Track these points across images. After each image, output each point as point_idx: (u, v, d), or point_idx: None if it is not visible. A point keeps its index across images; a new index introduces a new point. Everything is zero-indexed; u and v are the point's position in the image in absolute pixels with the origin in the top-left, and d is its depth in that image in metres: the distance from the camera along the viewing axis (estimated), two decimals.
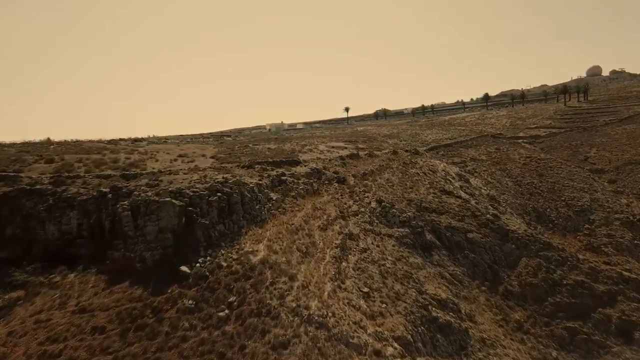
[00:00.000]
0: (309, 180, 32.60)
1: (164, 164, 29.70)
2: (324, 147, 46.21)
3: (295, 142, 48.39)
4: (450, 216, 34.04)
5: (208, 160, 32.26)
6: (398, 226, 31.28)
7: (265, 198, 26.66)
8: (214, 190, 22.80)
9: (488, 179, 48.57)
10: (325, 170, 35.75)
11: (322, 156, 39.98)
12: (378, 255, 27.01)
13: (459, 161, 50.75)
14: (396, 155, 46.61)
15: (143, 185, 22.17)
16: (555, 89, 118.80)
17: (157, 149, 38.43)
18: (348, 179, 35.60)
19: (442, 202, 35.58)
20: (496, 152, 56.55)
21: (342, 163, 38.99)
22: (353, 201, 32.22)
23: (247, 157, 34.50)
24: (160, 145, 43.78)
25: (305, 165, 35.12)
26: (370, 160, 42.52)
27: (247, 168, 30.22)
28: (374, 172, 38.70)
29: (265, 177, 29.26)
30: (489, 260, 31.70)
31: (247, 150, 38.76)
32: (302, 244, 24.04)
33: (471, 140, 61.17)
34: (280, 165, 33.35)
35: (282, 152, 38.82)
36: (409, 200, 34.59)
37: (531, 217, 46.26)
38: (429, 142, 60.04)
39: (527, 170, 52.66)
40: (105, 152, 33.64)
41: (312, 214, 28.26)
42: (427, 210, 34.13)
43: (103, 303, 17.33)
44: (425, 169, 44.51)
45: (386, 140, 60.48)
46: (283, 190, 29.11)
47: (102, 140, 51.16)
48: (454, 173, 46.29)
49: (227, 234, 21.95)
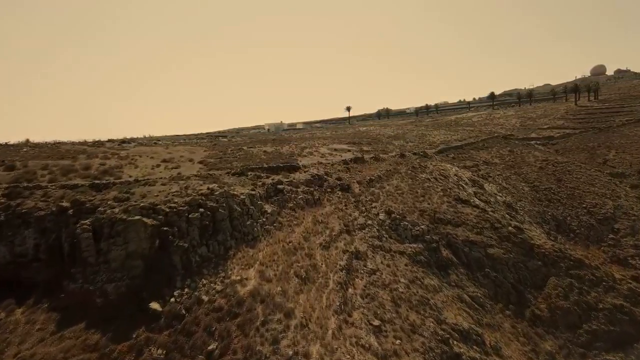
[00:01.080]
0: (309, 188, 28.95)
1: (143, 171, 26.04)
2: (325, 150, 42.53)
3: (294, 144, 44.71)
4: (467, 229, 30.38)
5: (195, 166, 28.60)
6: (410, 241, 27.63)
7: (258, 211, 23.01)
8: (196, 204, 19.14)
9: (503, 184, 44.87)
10: (327, 176, 32.09)
11: (323, 160, 36.32)
12: (389, 278, 23.37)
13: (471, 165, 47.06)
14: (404, 158, 42.93)
15: (111, 199, 18.50)
16: (565, 88, 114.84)
17: (142, 152, 34.79)
18: (353, 186, 31.94)
19: (457, 213, 31.91)
20: (510, 155, 52.84)
21: (346, 168, 35.31)
22: (359, 212, 28.56)
23: (240, 162, 30.84)
24: (147, 147, 40.14)
25: (305, 170, 31.47)
26: (377, 165, 38.84)
27: (239, 175, 26.57)
28: (381, 178, 35.03)
29: (259, 186, 25.61)
30: (513, 280, 28.05)
31: (240, 154, 35.11)
32: (301, 268, 20.41)
33: (482, 142, 57.45)
34: (277, 172, 29.69)
35: (279, 156, 35.17)
36: (421, 210, 30.92)
37: (550, 226, 42.60)
38: (437, 143, 56.34)
39: (544, 175, 48.95)
40: (80, 157, 30.01)
41: (313, 229, 24.62)
42: (442, 222, 30.46)
43: (48, 354, 13.69)
44: (436, 173, 40.82)
45: (391, 141, 56.77)
46: (279, 201, 25.47)
47: (86, 142, 47.55)
48: (466, 178, 42.59)
49: (211, 258, 18.31)
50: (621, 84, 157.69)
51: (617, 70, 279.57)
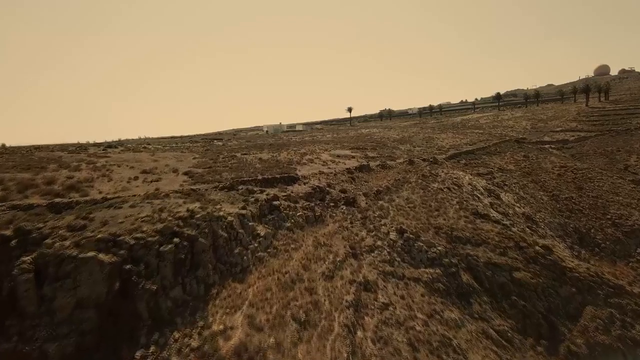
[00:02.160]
0: (310, 203, 25.36)
1: (117, 185, 22.43)
2: (327, 157, 38.91)
3: (293, 150, 41.12)
4: (489, 249, 26.77)
5: (178, 179, 25.00)
6: (426, 265, 24.04)
7: (249, 236, 19.41)
8: (170, 233, 15.54)
9: (520, 194, 41.25)
10: (330, 188, 28.50)
11: (325, 169, 32.71)
12: (404, 313, 19.77)
13: (485, 172, 43.43)
14: (413, 165, 39.34)
15: (64, 226, 14.90)
16: (574, 88, 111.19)
17: (123, 161, 31.20)
18: (358, 199, 28.35)
19: (477, 230, 28.29)
20: (525, 161, 49.20)
21: (351, 178, 31.70)
22: (367, 231, 24.97)
23: (231, 173, 27.25)
24: (132, 153, 36.56)
25: (305, 182, 27.87)
26: (384, 173, 35.23)
27: (228, 190, 22.98)
28: (389, 189, 31.43)
29: (252, 202, 22.00)
30: (543, 309, 24.42)
31: (232, 163, 31.49)
32: (299, 307, 16.82)
33: (494, 146, 53.82)
34: (273, 184, 26.10)
35: (276, 165, 31.56)
36: (436, 227, 27.32)
37: (573, 239, 39.03)
38: (446, 148, 52.72)
39: (564, 183, 45.34)
40: (50, 167, 26.42)
41: (314, 254, 21.01)
42: (460, 241, 26.86)
43: None
44: (448, 182, 37.21)
45: (397, 146, 53.14)
46: (275, 221, 21.86)
47: (67, 147, 43.98)
48: (481, 187, 38.99)
49: (187, 301, 14.71)
50: (629, 84, 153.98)
51: (622, 71, 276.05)
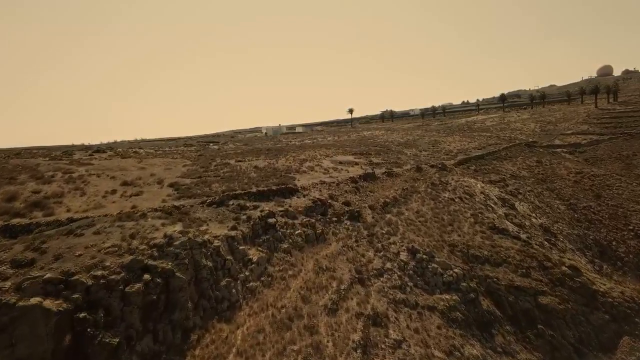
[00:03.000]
0: (310, 219, 22.59)
1: (89, 201, 19.67)
2: (328, 163, 36.15)
3: (292, 156, 38.39)
4: (510, 269, 24.00)
5: (162, 192, 22.23)
6: (442, 290, 21.25)
7: (239, 262, 16.65)
8: (140, 268, 12.77)
9: (536, 203, 38.49)
10: (333, 200, 25.74)
11: (327, 178, 29.95)
12: (419, 352, 16.98)
13: (497, 179, 40.67)
14: (421, 172, 36.58)
15: (7, 261, 12.13)
16: (581, 89, 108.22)
17: (105, 169, 28.44)
18: (364, 212, 25.58)
19: (495, 247, 25.52)
20: (538, 166, 46.45)
21: (355, 188, 28.94)
22: (374, 251, 22.19)
23: (223, 184, 24.49)
24: (117, 160, 33.81)
25: (305, 194, 25.10)
26: (391, 182, 32.47)
27: (217, 206, 20.21)
28: (397, 201, 28.67)
29: (244, 221, 19.24)
30: (574, 339, 21.64)
31: (225, 171, 28.72)
32: (297, 353, 14.04)
33: (504, 151, 51.05)
34: (269, 197, 23.33)
35: (273, 173, 28.79)
36: (451, 245, 24.56)
37: (593, 252, 36.26)
38: (453, 152, 49.97)
39: (581, 190, 42.57)
40: (21, 177, 23.67)
41: (315, 282, 18.23)
42: (478, 261, 24.09)
43: None
44: (459, 191, 34.44)
45: (403, 150, 50.39)
46: (270, 242, 19.10)
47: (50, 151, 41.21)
48: (495, 196, 36.23)
49: (159, 353, 11.95)
50: (634, 85, 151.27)
51: (625, 71, 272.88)
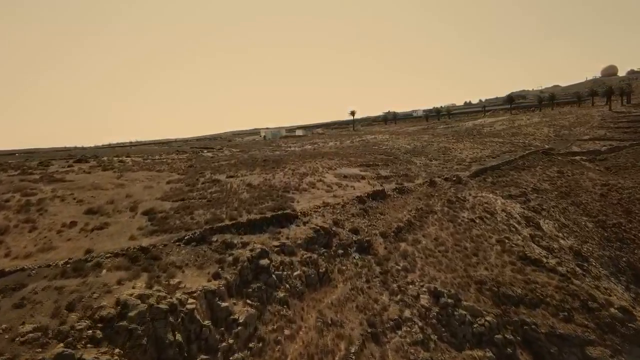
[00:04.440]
0: (312, 254, 18.78)
1: (38, 239, 15.81)
2: (332, 177, 32.30)
3: (290, 169, 34.53)
4: (549, 311, 20.17)
5: (133, 224, 18.39)
6: (472, 344, 17.45)
7: (221, 327, 12.84)
8: None
9: (561, 220, 34.66)
10: (338, 227, 21.94)
11: (330, 197, 26.13)
12: None
13: (518, 193, 36.84)
14: (435, 187, 32.78)
15: None
16: (592, 90, 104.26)
17: (74, 188, 24.66)
18: (375, 242, 21.78)
19: (529, 283, 21.69)
20: (560, 178, 42.59)
21: (363, 210, 25.12)
22: (389, 294, 18.39)
23: (208, 211, 20.68)
24: (93, 175, 30.04)
25: (306, 221, 21.27)
26: (403, 201, 28.66)
27: (198, 243, 16.41)
28: (412, 224, 24.87)
29: (229, 264, 15.45)
30: None
31: (213, 191, 24.88)
32: None
33: (521, 159, 47.20)
34: (262, 228, 19.51)
35: (268, 193, 24.97)
36: (478, 282, 20.73)
37: (627, 277, 32.38)
38: (466, 161, 46.14)
39: (609, 205, 38.73)
40: None
41: (318, 344, 14.42)
42: (511, 301, 20.27)
43: None
44: (479, 209, 30.65)
45: (411, 159, 46.55)
46: (262, 292, 15.30)
47: (25, 161, 37.57)
48: (517, 214, 32.42)
49: None
50: None
51: (630, 71, 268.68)
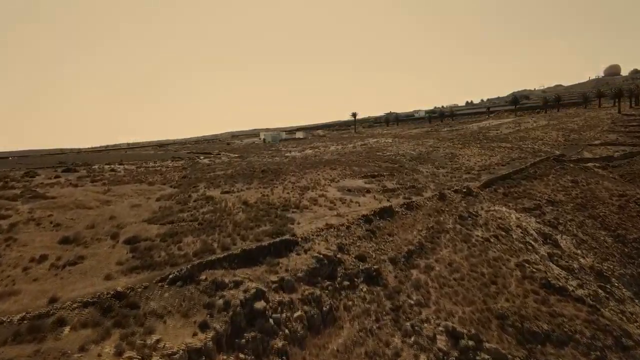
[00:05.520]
0: (314, 289, 16.68)
1: (1, 278, 13.71)
2: (335, 192, 30.18)
3: (290, 181, 32.39)
4: (580, 350, 18.06)
5: (113, 256, 16.25)
6: None
7: None
8: None
9: (579, 235, 32.55)
10: (343, 253, 19.83)
11: (334, 217, 23.99)
12: None
13: (532, 206, 34.72)
14: (445, 202, 30.66)
15: None
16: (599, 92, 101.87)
17: (54, 207, 22.54)
18: (384, 270, 19.67)
19: (555, 316, 19.55)
20: (574, 188, 40.44)
21: (369, 232, 22.98)
22: (401, 335, 16.28)
23: (198, 237, 18.57)
24: (76, 191, 27.94)
25: (307, 248, 19.15)
26: (412, 218, 26.54)
27: (184, 284, 14.28)
28: (423, 247, 22.76)
29: (220, 309, 13.35)
30: None
31: (205, 212, 22.73)
32: None
33: (532, 168, 45.04)
34: (258, 259, 17.39)
35: (266, 213, 22.84)
36: (499, 317, 18.61)
37: None
38: (475, 170, 44.00)
39: (628, 218, 36.58)
40: None
41: None
42: (536, 339, 18.15)
43: None
44: (493, 226, 28.53)
45: (417, 167, 44.41)
46: (257, 342, 13.20)
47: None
48: (533, 230, 30.30)
49: None
50: None
51: (634, 71, 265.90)
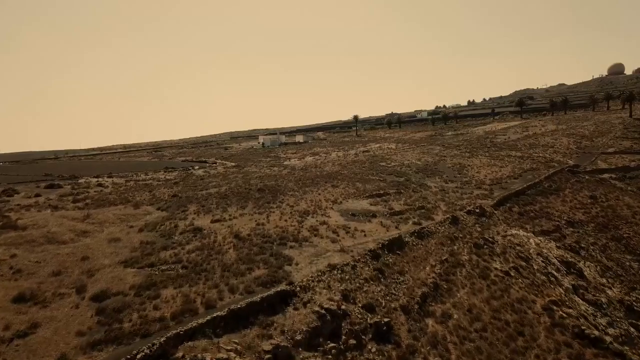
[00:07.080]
0: (314, 355, 14.05)
1: None
2: (337, 217, 27.54)
3: (289, 204, 29.70)
4: None
5: (73, 320, 13.24)
6: None
7: None
8: None
9: (604, 261, 29.93)
10: (349, 303, 17.20)
11: (337, 252, 21.29)
12: None
13: (551, 228, 32.07)
14: (457, 225, 28.03)
15: None
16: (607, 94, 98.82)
17: (21, 241, 19.88)
18: (396, 324, 17.04)
19: None
20: (593, 205, 37.77)
21: (378, 270, 20.32)
22: None
23: (180, 288, 15.92)
24: (52, 218, 25.29)
25: (307, 301, 16.50)
26: (424, 249, 23.90)
27: None
28: (438, 289, 20.13)
29: None
30: None
31: (192, 249, 20.07)
32: None
33: (546, 181, 42.36)
34: (248, 319, 14.73)
35: (260, 249, 20.17)
36: None
37: None
38: (485, 182, 41.33)
39: None
40: None
41: None
42: None
43: None
44: (512, 255, 25.90)
45: (424, 181, 41.75)
46: None
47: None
48: (555, 258, 27.66)
49: None
50: None
51: (637, 70, 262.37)
